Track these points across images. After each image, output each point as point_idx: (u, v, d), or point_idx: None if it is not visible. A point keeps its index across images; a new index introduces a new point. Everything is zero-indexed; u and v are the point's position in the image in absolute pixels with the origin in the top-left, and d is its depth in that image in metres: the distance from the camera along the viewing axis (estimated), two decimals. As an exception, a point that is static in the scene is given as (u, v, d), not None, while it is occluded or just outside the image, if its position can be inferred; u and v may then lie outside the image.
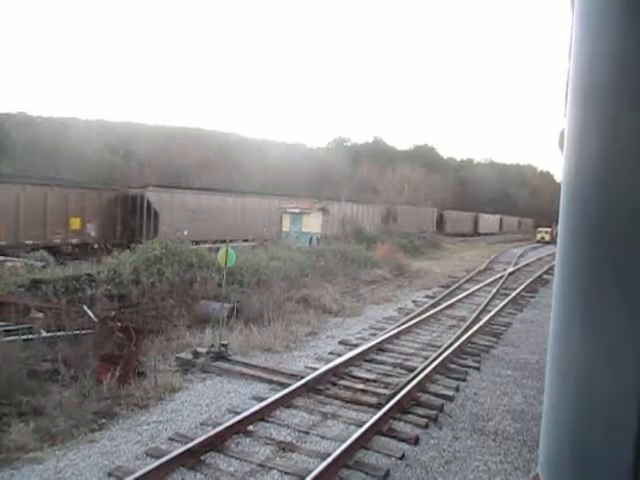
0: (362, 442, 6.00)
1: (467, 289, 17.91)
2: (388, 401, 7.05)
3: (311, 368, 8.63)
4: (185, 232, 23.79)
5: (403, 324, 11.95)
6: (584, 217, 1.00)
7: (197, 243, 21.80)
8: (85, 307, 10.00)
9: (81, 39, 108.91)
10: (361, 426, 6.29)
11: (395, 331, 11.20)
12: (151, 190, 25.09)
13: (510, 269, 24.10)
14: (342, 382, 8.09)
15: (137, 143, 51.73)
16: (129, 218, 24.67)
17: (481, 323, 12.17)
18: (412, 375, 8.16)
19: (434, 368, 8.59)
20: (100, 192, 24.25)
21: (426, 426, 6.69)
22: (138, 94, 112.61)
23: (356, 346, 10.13)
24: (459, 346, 10.08)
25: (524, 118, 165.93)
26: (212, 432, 5.95)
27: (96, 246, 22.82)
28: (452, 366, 9.20)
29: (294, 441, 6.15)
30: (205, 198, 27.45)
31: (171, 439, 6.10)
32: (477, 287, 18.24)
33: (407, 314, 13.40)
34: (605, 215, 0.94)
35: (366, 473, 5.47)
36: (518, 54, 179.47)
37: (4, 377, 6.85)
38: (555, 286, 1.11)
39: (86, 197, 22.99)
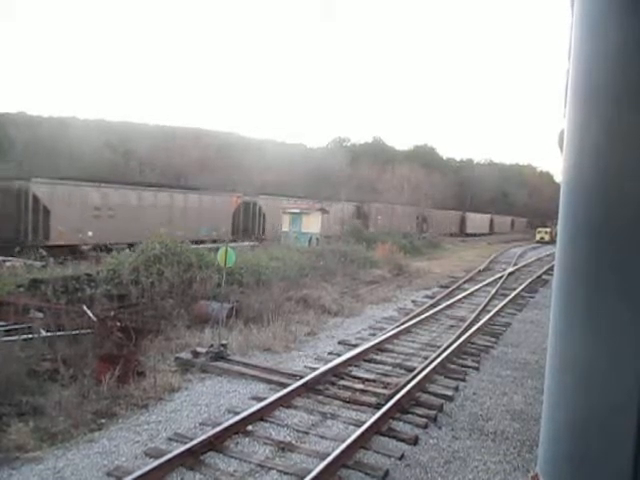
0: (361, 442, 6.00)
1: (466, 289, 17.92)
2: (387, 401, 7.06)
3: (310, 368, 8.64)
4: (89, 233, 20.97)
5: (402, 324, 11.96)
6: (584, 217, 1.00)
7: (107, 248, 18.14)
8: (84, 307, 9.98)
9: (80, 38, 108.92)
10: (360, 426, 6.29)
11: (394, 331, 11.20)
12: (38, 182, 20.72)
13: (510, 269, 24.12)
14: (341, 382, 8.09)
15: (137, 142, 51.71)
16: (11, 216, 20.33)
17: (480, 323, 12.18)
18: (411, 375, 8.16)
19: (433, 368, 8.59)
20: None
21: (425, 426, 6.69)
22: (138, 93, 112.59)
23: (355, 346, 10.13)
24: (458, 346, 10.08)
25: (524, 118, 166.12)
26: (211, 432, 5.95)
27: None
28: (451, 366, 9.20)
29: (293, 441, 6.15)
30: (115, 194, 23.33)
31: (170, 439, 6.09)
32: (477, 287, 18.25)
33: (407, 314, 13.40)
34: (605, 214, 0.94)
35: (365, 473, 5.47)
36: (518, 54, 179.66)
37: (4, 377, 6.85)
38: (555, 286, 1.11)
39: None
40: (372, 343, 10.12)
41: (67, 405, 6.55)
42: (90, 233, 21.07)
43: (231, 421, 6.27)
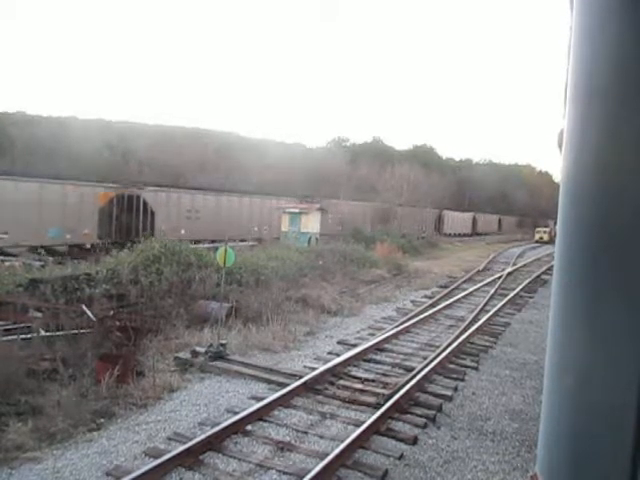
0: (360, 442, 6.00)
1: (465, 289, 17.91)
2: (386, 401, 7.06)
3: (310, 368, 8.63)
4: None
5: (402, 324, 11.96)
6: (583, 216, 1.00)
7: None
8: (84, 306, 9.97)
9: (80, 38, 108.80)
10: (359, 426, 6.29)
11: (394, 331, 11.20)
12: None
13: (509, 269, 24.13)
14: (341, 382, 8.09)
15: (136, 142, 51.68)
16: None
17: (479, 323, 12.18)
18: (411, 375, 8.17)
19: (433, 368, 8.59)
20: None
21: (424, 426, 6.69)
22: (137, 93, 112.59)
23: (355, 346, 10.12)
24: (458, 346, 10.08)
25: (523, 118, 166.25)
26: (210, 432, 5.95)
27: None
28: (451, 366, 9.20)
29: (292, 441, 6.15)
30: None
31: (169, 439, 6.09)
32: (475, 287, 18.25)
33: (406, 314, 13.40)
34: (604, 214, 0.94)
35: (364, 473, 5.47)
36: (517, 54, 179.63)
37: (3, 376, 6.84)
38: (554, 286, 1.11)
39: None
40: (371, 343, 10.12)
41: (66, 405, 6.54)
42: None
43: (230, 421, 6.27)
